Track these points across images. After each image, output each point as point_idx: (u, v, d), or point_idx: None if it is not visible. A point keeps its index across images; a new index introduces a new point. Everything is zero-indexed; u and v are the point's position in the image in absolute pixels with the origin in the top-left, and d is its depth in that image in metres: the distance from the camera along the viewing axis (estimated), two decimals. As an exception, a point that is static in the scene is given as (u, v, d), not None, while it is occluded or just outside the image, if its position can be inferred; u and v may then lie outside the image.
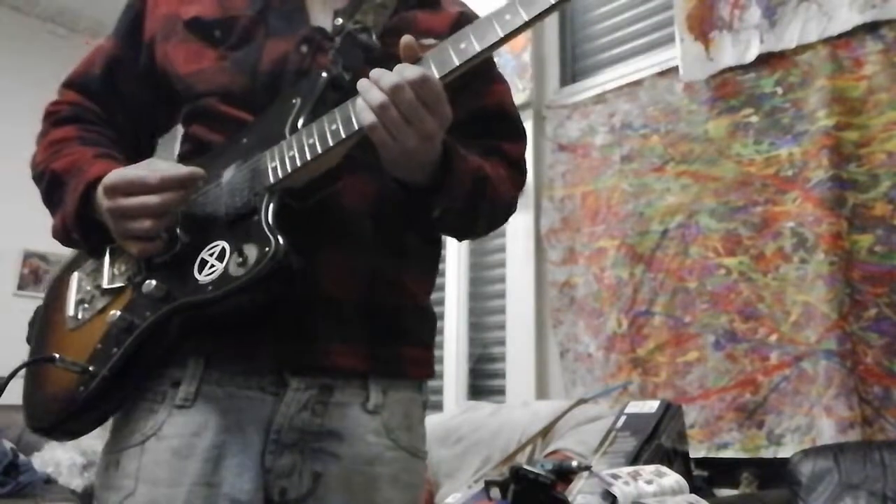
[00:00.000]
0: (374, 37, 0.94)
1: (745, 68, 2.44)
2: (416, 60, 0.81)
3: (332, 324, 0.88)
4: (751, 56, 2.41)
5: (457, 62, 0.79)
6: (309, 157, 0.83)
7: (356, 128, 0.81)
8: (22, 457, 3.47)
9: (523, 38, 3.07)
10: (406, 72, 0.78)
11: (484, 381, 3.12)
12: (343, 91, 0.88)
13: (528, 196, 2.97)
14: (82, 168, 0.93)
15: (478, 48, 0.79)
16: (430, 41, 0.84)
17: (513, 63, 3.08)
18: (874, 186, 2.14)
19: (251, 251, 0.80)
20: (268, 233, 0.81)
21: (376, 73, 0.79)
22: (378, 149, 0.81)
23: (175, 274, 0.85)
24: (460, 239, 1.09)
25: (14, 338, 1.15)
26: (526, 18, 0.78)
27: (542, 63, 3.10)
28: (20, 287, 4.57)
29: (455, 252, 3.23)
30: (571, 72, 3.10)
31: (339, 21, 0.96)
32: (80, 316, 0.94)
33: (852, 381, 2.04)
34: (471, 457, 2.28)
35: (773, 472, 2.11)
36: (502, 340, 3.00)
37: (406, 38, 0.81)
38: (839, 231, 2.15)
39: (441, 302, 3.22)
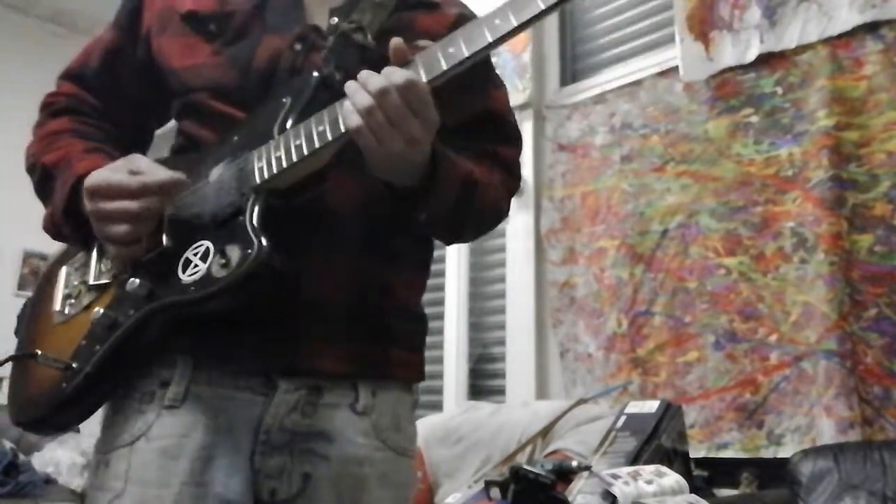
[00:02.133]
0: (368, 37, 0.93)
1: (745, 68, 2.44)
2: (405, 63, 0.80)
3: (320, 326, 0.88)
4: (751, 56, 2.41)
5: (444, 66, 0.79)
6: (295, 159, 0.82)
7: (342, 130, 0.80)
8: (22, 457, 3.48)
9: (523, 38, 3.07)
10: (393, 75, 0.77)
11: (484, 381, 3.12)
12: (334, 91, 0.86)
13: (528, 196, 2.97)
14: (71, 163, 0.93)
15: (466, 53, 0.78)
16: (427, 43, 0.82)
17: (513, 63, 3.08)
18: (874, 186, 2.14)
19: (234, 252, 0.80)
20: (251, 234, 0.80)
21: (364, 75, 0.79)
22: (363, 152, 0.81)
23: (159, 273, 0.85)
24: (447, 243, 1.07)
25: (14, 338, 1.14)
26: (515, 24, 0.77)
27: (542, 63, 3.10)
28: (20, 287, 4.58)
29: (455, 252, 3.23)
30: (571, 72, 3.10)
31: (335, 20, 0.95)
32: (66, 311, 0.94)
33: (852, 381, 2.04)
34: (471, 457, 2.28)
35: (773, 472, 2.11)
36: (502, 340, 3.00)
37: (395, 41, 0.80)
38: (839, 231, 2.15)
39: (441, 302, 3.22)
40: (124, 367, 0.87)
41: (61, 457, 3.48)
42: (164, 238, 0.87)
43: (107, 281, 0.91)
